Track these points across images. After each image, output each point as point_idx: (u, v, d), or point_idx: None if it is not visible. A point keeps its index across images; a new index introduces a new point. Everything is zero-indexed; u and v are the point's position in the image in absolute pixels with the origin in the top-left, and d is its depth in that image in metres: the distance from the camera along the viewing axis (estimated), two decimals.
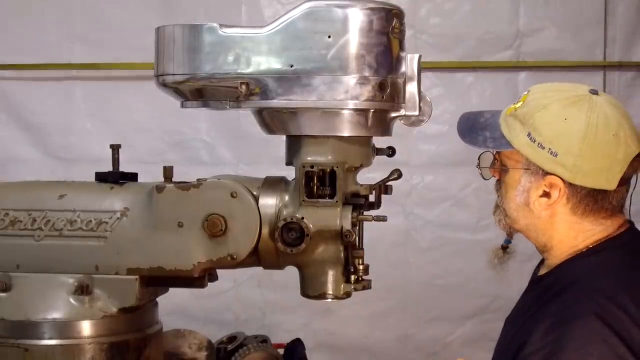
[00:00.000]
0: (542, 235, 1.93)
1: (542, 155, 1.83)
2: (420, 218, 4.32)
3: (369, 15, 1.93)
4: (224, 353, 2.68)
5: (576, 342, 1.70)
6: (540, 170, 1.85)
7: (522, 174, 1.88)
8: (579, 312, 1.74)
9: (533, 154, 1.84)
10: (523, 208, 1.91)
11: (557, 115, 1.83)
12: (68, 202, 2.10)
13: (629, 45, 4.20)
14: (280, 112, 1.98)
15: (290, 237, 1.99)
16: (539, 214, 1.89)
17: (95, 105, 4.38)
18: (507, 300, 4.08)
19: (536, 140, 1.83)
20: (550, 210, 1.87)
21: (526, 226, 1.94)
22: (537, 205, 1.87)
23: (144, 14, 4.20)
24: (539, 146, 1.83)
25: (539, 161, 1.84)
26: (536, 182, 1.86)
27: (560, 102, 1.85)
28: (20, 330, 2.03)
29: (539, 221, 1.90)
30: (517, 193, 1.90)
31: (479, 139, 1.96)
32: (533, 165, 1.85)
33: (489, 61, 4.24)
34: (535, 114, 1.85)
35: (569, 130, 1.81)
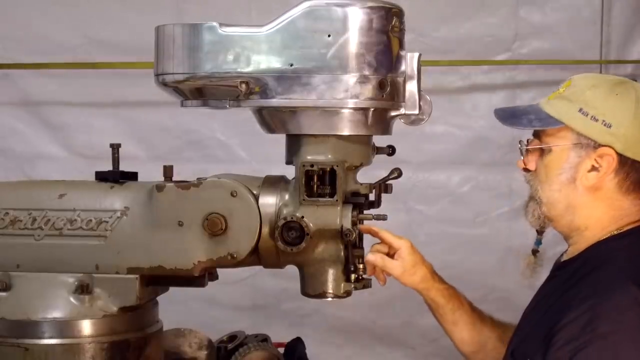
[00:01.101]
0: (579, 216, 1.93)
1: (596, 127, 1.87)
2: (421, 213, 4.41)
3: (369, 14, 1.93)
4: (224, 352, 2.67)
5: (613, 308, 1.73)
6: (592, 143, 1.88)
7: (571, 149, 1.91)
8: (616, 282, 1.78)
9: (586, 127, 1.88)
10: (567, 186, 1.92)
11: (608, 91, 1.90)
12: (68, 201, 2.10)
13: (625, 46, 4.25)
14: (280, 111, 1.98)
15: (290, 236, 1.99)
16: (583, 190, 1.90)
17: (116, 104, 4.46)
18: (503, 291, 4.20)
19: (589, 114, 1.88)
20: (596, 185, 1.89)
21: (564, 208, 1.94)
22: (585, 180, 1.89)
23: (156, 15, 4.23)
24: (592, 119, 1.87)
25: (592, 133, 1.88)
26: (587, 156, 1.89)
27: (608, 82, 1.94)
28: (20, 329, 2.03)
29: (580, 199, 1.91)
30: (562, 171, 1.92)
31: (523, 121, 1.98)
32: (584, 139, 1.89)
33: (489, 60, 4.26)
34: (586, 91, 1.91)
35: (622, 103, 1.88)
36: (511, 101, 4.24)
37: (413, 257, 2.19)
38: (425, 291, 2.24)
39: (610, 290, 1.77)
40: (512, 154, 4.49)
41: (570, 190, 1.92)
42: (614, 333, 1.72)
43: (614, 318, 1.73)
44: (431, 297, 2.24)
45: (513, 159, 3.79)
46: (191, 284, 2.14)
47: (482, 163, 4.38)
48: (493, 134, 4.28)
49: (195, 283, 2.14)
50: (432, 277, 2.24)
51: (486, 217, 4.38)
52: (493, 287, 4.27)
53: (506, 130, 2.20)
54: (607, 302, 1.75)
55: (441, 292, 2.25)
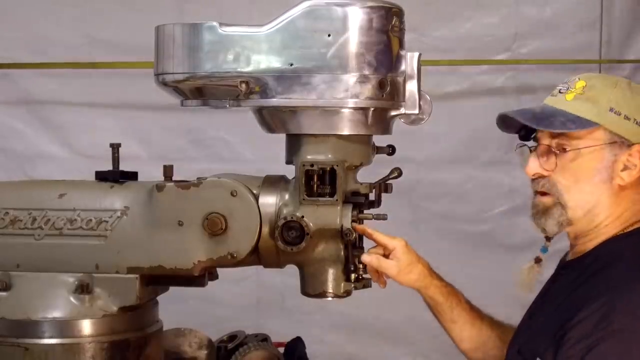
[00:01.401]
0: (604, 214, 1.91)
1: (629, 125, 1.88)
2: (425, 210, 4.44)
3: (369, 13, 1.93)
4: (224, 352, 2.68)
5: (627, 305, 1.73)
6: (625, 142, 1.88)
7: (605, 149, 1.89)
8: (629, 281, 1.78)
9: (620, 127, 1.88)
10: (600, 187, 1.90)
11: (631, 90, 1.92)
12: (68, 201, 2.10)
13: (624, 46, 4.26)
14: (280, 110, 1.98)
15: (290, 236, 1.99)
16: (617, 189, 1.89)
17: (118, 104, 4.46)
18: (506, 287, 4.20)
19: (621, 113, 1.88)
20: (629, 183, 1.89)
21: (590, 209, 1.91)
22: (619, 179, 1.88)
23: (158, 16, 4.24)
24: (625, 118, 1.88)
25: (626, 132, 1.88)
26: (621, 155, 1.88)
27: (623, 80, 1.95)
28: (20, 329, 2.03)
29: (609, 198, 1.90)
30: (597, 172, 1.89)
31: (555, 123, 1.91)
32: (618, 138, 1.88)
33: (489, 59, 4.28)
34: (612, 90, 1.91)
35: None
36: (511, 100, 4.25)
37: (408, 256, 2.19)
38: (423, 289, 2.25)
39: (624, 287, 1.77)
40: (512, 153, 4.51)
41: (604, 191, 1.90)
42: (629, 330, 1.72)
43: (628, 315, 1.73)
44: (429, 295, 2.25)
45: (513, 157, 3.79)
46: (191, 284, 2.14)
47: (483, 162, 4.40)
48: (494, 133, 4.28)
49: (195, 283, 2.14)
50: (430, 274, 2.24)
51: (488, 214, 4.42)
52: (496, 282, 4.32)
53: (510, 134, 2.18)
54: (620, 299, 1.75)
55: (439, 290, 2.26)
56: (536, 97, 4.15)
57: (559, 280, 2.01)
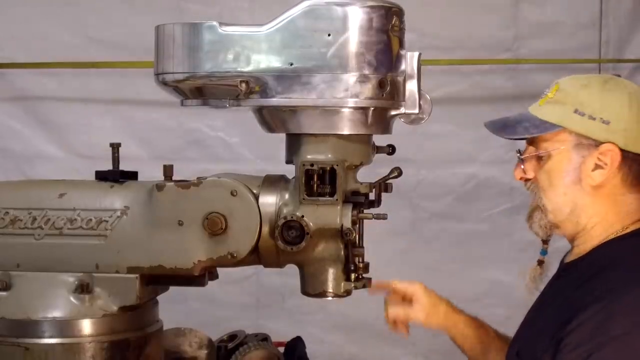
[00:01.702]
0: (585, 216, 1.93)
1: (595, 125, 1.87)
2: (426, 210, 4.45)
3: (369, 13, 1.93)
4: (224, 351, 2.68)
5: (626, 309, 1.73)
6: (593, 142, 1.88)
7: (572, 151, 1.90)
8: (628, 284, 1.77)
9: (584, 127, 1.88)
10: (572, 188, 1.91)
11: (600, 88, 1.91)
12: (68, 200, 2.10)
13: (624, 46, 4.27)
14: (280, 110, 1.98)
15: (290, 236, 1.99)
16: (590, 190, 1.90)
17: (115, 103, 4.45)
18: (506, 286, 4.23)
19: (586, 114, 1.88)
20: (601, 183, 1.89)
21: (570, 212, 1.93)
22: (590, 179, 1.89)
23: (156, 15, 4.23)
24: (590, 118, 1.88)
25: (592, 132, 1.88)
26: (589, 155, 1.88)
27: (597, 80, 1.96)
28: (20, 329, 2.03)
29: (586, 200, 1.91)
30: (566, 174, 1.91)
31: (518, 130, 1.97)
32: (585, 139, 1.89)
33: (489, 59, 4.28)
34: (579, 92, 1.92)
35: (615, 99, 1.89)
36: (512, 100, 4.25)
37: (430, 297, 2.25)
38: (451, 327, 2.26)
39: (622, 291, 1.77)
40: (513, 153, 4.51)
41: (576, 192, 1.92)
42: (629, 334, 1.71)
43: (627, 320, 1.73)
44: (459, 331, 2.26)
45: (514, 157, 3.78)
46: (191, 284, 2.14)
47: (484, 161, 4.40)
48: (492, 135, 4.29)
49: (195, 282, 2.14)
50: (454, 310, 2.27)
51: (488, 213, 4.42)
52: (496, 281, 4.33)
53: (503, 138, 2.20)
54: (619, 303, 1.75)
55: (467, 323, 2.27)
56: (537, 96, 4.18)
57: (558, 281, 2.01)
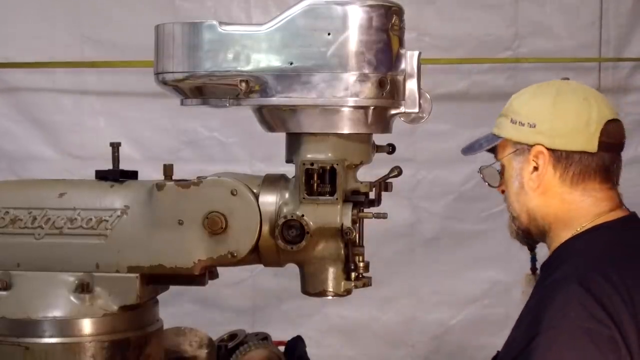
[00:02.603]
0: (540, 219, 2.00)
1: (524, 131, 1.96)
2: (426, 210, 4.46)
3: (369, 12, 1.93)
4: (224, 351, 2.67)
5: (557, 304, 1.76)
6: (525, 147, 1.96)
7: (513, 159, 2.00)
8: (562, 281, 1.81)
9: (517, 134, 1.98)
10: (519, 193, 2.01)
11: (530, 94, 2.02)
12: (68, 200, 2.10)
13: (624, 45, 4.27)
14: (280, 109, 1.98)
15: (290, 235, 1.99)
16: (533, 194, 1.98)
17: (108, 103, 4.44)
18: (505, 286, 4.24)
19: (517, 121, 1.98)
20: (541, 185, 1.96)
21: (527, 216, 2.02)
22: (531, 182, 1.97)
23: (151, 14, 4.22)
24: (520, 124, 1.97)
25: (522, 138, 1.97)
26: (525, 160, 1.97)
27: (533, 87, 2.06)
28: (20, 328, 2.03)
29: (534, 203, 1.99)
30: (513, 180, 2.01)
31: (475, 146, 2.10)
32: (519, 145, 1.98)
33: (489, 58, 4.28)
34: (513, 101, 2.04)
35: (541, 101, 1.97)
36: None
37: None
38: None
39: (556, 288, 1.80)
40: None
41: (524, 197, 2.01)
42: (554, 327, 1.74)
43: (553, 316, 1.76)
44: None
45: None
46: (191, 283, 2.14)
47: (484, 161, 4.39)
48: None
49: (196, 282, 2.14)
50: None
51: (488, 213, 4.42)
52: (496, 282, 4.35)
53: None
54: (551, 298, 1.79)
55: None
56: None
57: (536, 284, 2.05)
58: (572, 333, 1.71)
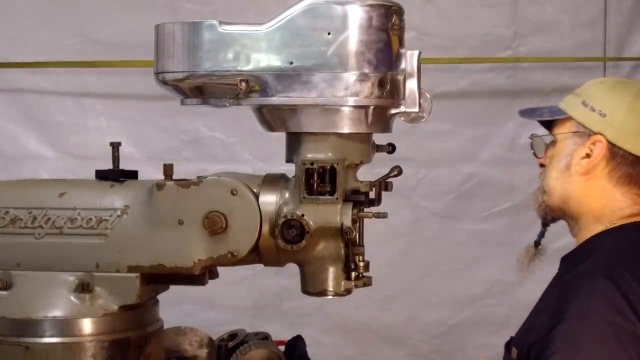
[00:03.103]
0: (574, 204, 2.01)
1: (592, 116, 1.97)
2: (426, 210, 4.45)
3: (369, 12, 1.93)
4: (224, 350, 2.68)
5: (583, 296, 1.78)
6: (587, 132, 1.98)
7: (570, 138, 2.01)
8: (590, 274, 1.83)
9: (583, 116, 1.99)
10: (563, 173, 2.01)
11: (611, 86, 2.03)
12: (68, 200, 2.10)
13: (627, 44, 4.26)
14: (279, 109, 1.98)
15: (290, 235, 1.99)
16: (577, 177, 1.99)
17: (109, 103, 4.42)
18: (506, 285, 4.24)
19: (588, 105, 1.99)
20: (588, 173, 1.97)
21: (560, 197, 2.02)
22: (578, 166, 1.98)
23: (151, 14, 4.22)
24: (590, 109, 1.98)
25: (588, 122, 1.98)
26: (582, 144, 1.98)
27: (615, 81, 2.09)
28: (21, 328, 2.03)
29: (574, 187, 2.00)
30: (561, 158, 2.02)
31: (536, 113, 2.12)
32: (582, 127, 1.99)
33: (489, 57, 4.27)
34: (593, 86, 2.05)
35: (619, 96, 1.98)
36: (512, 98, 4.25)
37: None
38: None
39: (581, 280, 1.82)
40: (512, 151, 4.51)
41: (565, 177, 2.01)
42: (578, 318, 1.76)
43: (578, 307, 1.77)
44: None
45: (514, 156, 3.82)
46: (191, 282, 2.14)
47: (484, 160, 4.39)
48: (494, 131, 4.29)
49: (196, 281, 2.14)
50: None
51: (488, 212, 4.42)
52: (496, 281, 4.34)
53: (507, 128, 2.25)
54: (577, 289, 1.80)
55: None
56: (536, 95, 4.18)
57: (556, 275, 2.05)
58: (596, 325, 1.72)
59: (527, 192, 2.14)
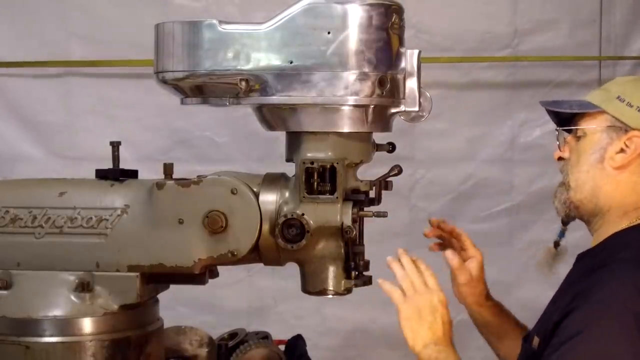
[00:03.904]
0: (603, 198, 1.97)
1: (630, 112, 1.95)
2: (424, 211, 4.40)
3: (368, 11, 1.93)
4: (224, 349, 2.68)
5: (610, 284, 1.77)
6: (624, 127, 1.95)
7: (603, 132, 1.97)
8: (620, 265, 1.82)
9: (620, 111, 1.96)
10: (595, 167, 1.98)
11: None
12: (68, 199, 2.10)
13: (624, 44, 4.25)
14: (280, 108, 1.98)
15: (290, 234, 1.99)
16: (610, 171, 1.96)
17: (98, 103, 4.37)
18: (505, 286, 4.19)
19: (625, 100, 1.96)
20: (622, 167, 1.95)
21: (590, 190, 1.98)
22: (612, 161, 1.95)
23: (141, 11, 4.20)
24: (628, 105, 1.95)
25: (625, 117, 1.95)
26: (617, 138, 1.95)
27: None
28: (21, 327, 2.03)
29: (605, 180, 1.97)
30: (593, 152, 1.98)
31: (563, 105, 2.06)
32: (618, 122, 1.96)
33: (489, 56, 4.26)
34: (627, 83, 2.03)
35: None
36: (512, 97, 4.24)
37: (480, 271, 2.29)
38: (478, 309, 2.30)
39: (605, 282, 1.79)
40: (512, 151, 4.49)
41: (597, 171, 1.98)
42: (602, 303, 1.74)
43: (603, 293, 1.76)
44: (483, 316, 2.31)
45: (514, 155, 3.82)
46: (192, 282, 2.14)
47: (484, 160, 4.37)
48: (494, 130, 4.28)
49: (196, 281, 2.14)
50: (487, 295, 2.31)
51: (488, 213, 4.38)
52: (495, 282, 4.27)
53: (507, 127, 2.22)
54: (598, 291, 1.78)
55: (491, 310, 2.32)
56: (536, 94, 4.17)
57: (573, 271, 2.03)
58: (619, 312, 1.71)
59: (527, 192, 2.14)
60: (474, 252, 2.31)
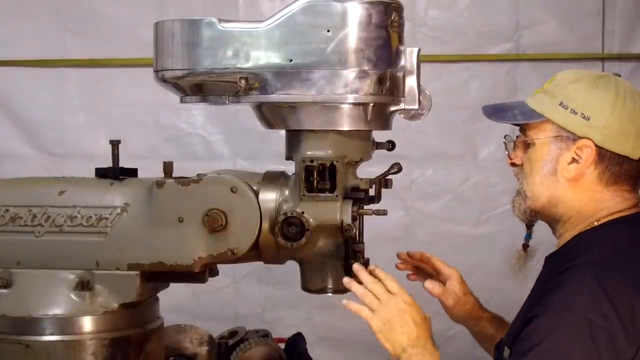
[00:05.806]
0: (562, 208, 1.96)
1: (575, 120, 1.90)
2: (420, 212, 4.33)
3: (368, 9, 1.93)
4: (225, 348, 2.67)
5: (567, 291, 1.76)
6: (571, 136, 1.91)
7: (552, 142, 1.94)
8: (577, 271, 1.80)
9: (565, 120, 1.91)
10: (549, 179, 1.95)
11: (589, 84, 1.93)
12: (68, 198, 2.10)
13: (628, 38, 4.21)
14: (279, 106, 1.98)
15: (290, 232, 1.99)
16: (565, 182, 1.93)
17: (89, 100, 4.33)
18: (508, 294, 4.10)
19: (569, 107, 1.91)
20: (576, 177, 1.92)
21: (548, 200, 1.96)
22: (565, 172, 1.92)
23: (138, 8, 4.19)
24: (572, 112, 1.90)
25: (571, 126, 1.90)
26: (566, 148, 1.91)
27: (590, 76, 1.96)
28: (21, 326, 2.03)
29: (562, 191, 1.94)
30: (544, 163, 1.95)
31: (507, 115, 2.01)
32: (564, 132, 1.91)
33: (488, 54, 4.24)
34: (568, 85, 1.94)
35: (600, 96, 1.90)
36: (512, 94, 4.21)
37: (463, 286, 2.26)
38: (474, 323, 2.28)
39: (570, 278, 1.79)
40: None
41: (552, 183, 1.95)
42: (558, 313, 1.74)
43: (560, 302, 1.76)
44: (480, 328, 2.28)
45: None
46: (191, 280, 2.14)
47: (484, 159, 4.33)
48: (493, 130, 4.26)
49: (196, 279, 2.14)
50: (480, 307, 2.28)
51: (489, 215, 4.32)
52: (498, 290, 4.14)
53: (507, 127, 2.20)
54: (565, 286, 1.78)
55: (490, 322, 2.29)
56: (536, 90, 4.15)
57: (541, 274, 2.03)
58: (574, 321, 1.71)
59: None
60: (449, 270, 2.27)
